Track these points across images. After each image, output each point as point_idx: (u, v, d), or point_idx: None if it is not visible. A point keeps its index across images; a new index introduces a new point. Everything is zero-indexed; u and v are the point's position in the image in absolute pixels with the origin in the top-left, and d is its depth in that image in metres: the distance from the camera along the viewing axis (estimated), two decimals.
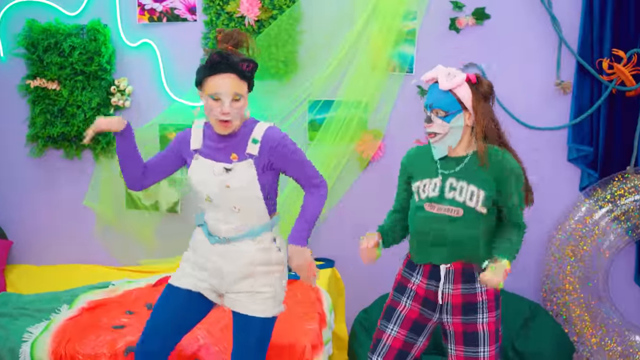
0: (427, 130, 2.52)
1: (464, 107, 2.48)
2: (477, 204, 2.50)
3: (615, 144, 3.95)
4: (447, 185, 2.54)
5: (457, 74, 2.47)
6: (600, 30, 3.86)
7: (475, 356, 2.55)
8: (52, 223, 4.56)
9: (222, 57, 2.44)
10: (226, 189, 2.54)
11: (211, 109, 2.48)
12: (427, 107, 2.52)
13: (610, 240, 3.83)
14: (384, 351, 2.66)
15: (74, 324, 3.40)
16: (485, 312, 2.56)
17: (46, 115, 4.33)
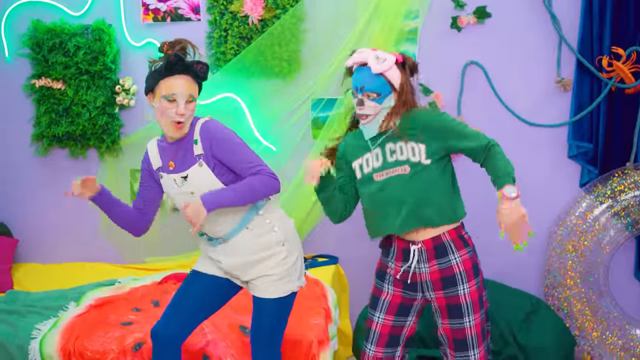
0: (360, 112, 2.57)
1: (394, 88, 2.55)
2: (420, 157, 2.54)
3: (615, 140, 3.99)
4: (387, 151, 2.59)
5: (386, 57, 2.52)
6: (599, 28, 3.90)
7: (461, 327, 2.59)
8: (57, 221, 4.58)
9: (178, 58, 2.48)
10: (192, 196, 2.59)
11: (165, 111, 2.51)
12: (357, 90, 2.56)
13: (611, 236, 3.86)
14: (375, 339, 2.71)
15: (82, 321, 3.42)
16: (465, 283, 2.59)
17: (51, 114, 4.35)
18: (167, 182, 2.65)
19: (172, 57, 2.47)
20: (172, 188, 2.64)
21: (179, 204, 2.65)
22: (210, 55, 4.24)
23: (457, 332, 2.60)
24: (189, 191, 2.60)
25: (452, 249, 2.59)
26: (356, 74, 2.59)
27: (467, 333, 2.60)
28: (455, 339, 2.61)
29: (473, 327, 2.60)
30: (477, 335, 2.61)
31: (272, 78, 4.17)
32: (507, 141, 4.00)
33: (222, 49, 4.18)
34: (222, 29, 4.18)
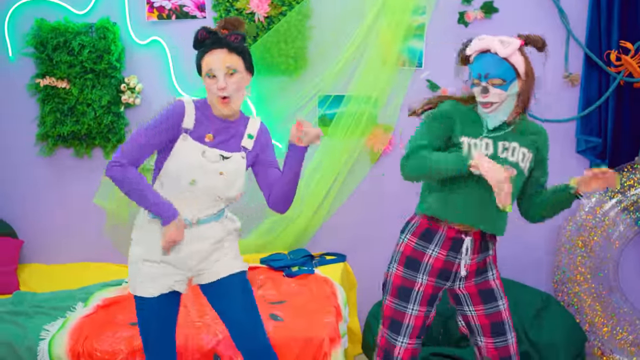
0: (484, 100, 2.46)
1: (518, 75, 2.47)
2: (526, 165, 2.54)
3: (623, 135, 3.98)
4: (499, 145, 2.52)
5: (511, 41, 2.45)
6: (607, 22, 3.88)
7: (498, 310, 2.61)
8: (62, 222, 4.56)
9: (208, 33, 2.46)
10: (217, 177, 2.53)
11: (209, 88, 2.49)
12: (480, 77, 2.46)
13: (620, 231, 3.85)
14: (409, 331, 2.64)
15: (91, 322, 3.41)
16: (493, 269, 2.64)
17: (56, 114, 4.33)
18: (191, 149, 2.50)
19: (198, 33, 2.46)
20: (194, 157, 2.50)
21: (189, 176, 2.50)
22: None
23: (494, 316, 2.61)
24: (219, 171, 2.53)
25: (491, 243, 2.63)
26: (477, 61, 2.48)
27: (504, 316, 2.62)
28: (492, 323, 2.61)
29: (507, 310, 2.63)
30: (510, 319, 2.63)
31: (278, 75, 4.15)
32: None
33: None
34: None
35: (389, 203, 4.26)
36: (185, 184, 2.51)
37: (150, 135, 2.48)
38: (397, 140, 4.19)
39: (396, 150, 4.20)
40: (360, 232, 4.33)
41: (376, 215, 4.28)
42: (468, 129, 2.53)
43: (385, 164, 4.23)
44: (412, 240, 2.65)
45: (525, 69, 2.48)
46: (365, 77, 4.07)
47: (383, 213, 4.27)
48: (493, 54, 2.44)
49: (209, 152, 2.52)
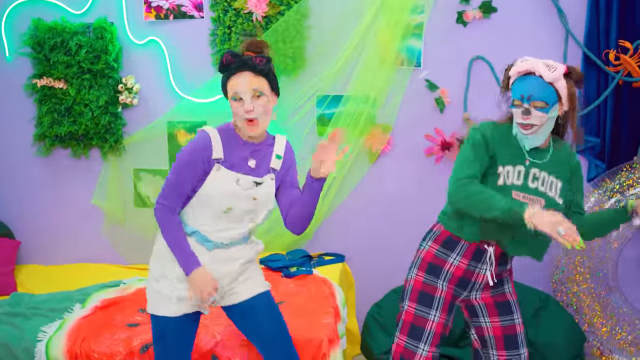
0: (525, 122, 2.45)
1: (559, 98, 2.46)
2: (556, 194, 2.53)
3: (622, 134, 3.97)
4: (530, 174, 2.52)
5: (556, 66, 2.44)
6: (606, 21, 3.87)
7: (513, 323, 2.63)
8: (60, 222, 4.54)
9: (233, 56, 2.45)
10: (251, 202, 2.56)
11: (236, 111, 2.48)
12: (522, 99, 2.45)
13: (619, 231, 3.84)
14: (430, 338, 2.63)
15: (88, 323, 3.40)
16: (508, 283, 2.67)
17: (53, 114, 4.31)
18: (225, 178, 2.52)
19: (223, 57, 2.45)
20: (229, 185, 2.52)
21: (224, 204, 2.53)
22: (213, 53, 4.21)
23: (509, 329, 2.61)
24: (252, 196, 2.56)
25: (510, 257, 2.64)
26: (520, 82, 2.47)
27: (518, 329, 2.62)
28: (506, 335, 2.61)
29: (521, 324, 2.64)
30: (524, 334, 2.65)
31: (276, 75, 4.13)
32: None
33: (226, 46, 4.15)
34: (225, 26, 4.14)
35: (387, 203, 4.25)
36: (219, 211, 2.55)
37: (179, 173, 2.51)
38: (396, 140, 4.18)
39: (395, 150, 4.20)
40: (359, 232, 4.32)
41: (375, 215, 4.27)
42: (507, 155, 2.53)
43: (384, 164, 4.23)
44: (433, 247, 2.66)
45: (568, 94, 2.47)
46: (364, 77, 4.06)
47: (382, 213, 4.27)
48: (537, 77, 2.43)
49: (243, 179, 2.54)
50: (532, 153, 2.54)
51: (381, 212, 4.26)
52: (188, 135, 4.29)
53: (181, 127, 4.29)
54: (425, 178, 4.17)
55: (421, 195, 4.17)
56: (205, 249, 2.60)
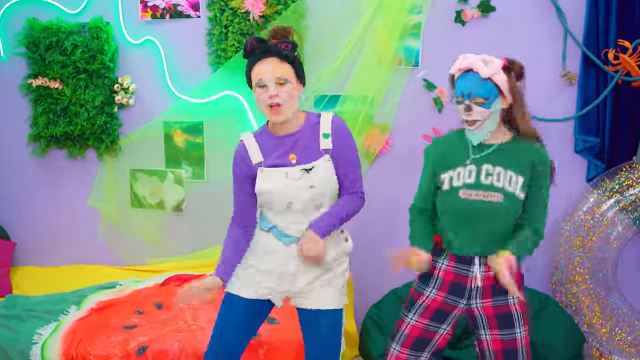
0: (467, 118, 2.49)
1: (500, 92, 2.47)
2: (515, 189, 2.49)
3: (621, 134, 3.95)
4: (482, 171, 2.52)
5: (493, 60, 2.47)
6: (605, 20, 3.86)
7: (513, 337, 2.54)
8: (55, 224, 4.53)
9: (257, 41, 2.42)
10: (311, 190, 2.50)
11: (259, 98, 2.44)
12: (463, 96, 2.48)
13: (619, 231, 3.83)
14: (402, 339, 2.65)
15: (84, 325, 3.38)
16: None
17: (49, 114, 4.29)
18: (271, 176, 2.51)
19: (248, 43, 2.42)
20: (278, 181, 2.49)
21: (283, 200, 2.50)
22: (210, 53, 4.19)
23: (509, 343, 2.54)
24: (308, 185, 2.49)
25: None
26: (461, 80, 2.50)
27: (519, 344, 2.55)
28: (505, 349, 2.55)
29: (524, 339, 2.56)
30: (527, 347, 2.57)
31: None
32: None
33: (223, 45, 4.13)
34: (222, 25, 4.12)
35: (386, 204, 4.23)
36: (282, 208, 2.52)
37: (234, 185, 2.63)
38: (394, 140, 4.16)
39: (393, 150, 4.17)
40: (357, 233, 4.28)
41: (373, 216, 4.24)
42: (452, 159, 2.59)
43: (382, 164, 4.21)
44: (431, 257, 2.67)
45: (510, 87, 2.48)
46: (362, 77, 4.04)
47: (380, 214, 4.24)
48: (476, 73, 2.46)
49: (291, 171, 2.50)
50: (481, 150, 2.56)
51: (379, 212, 4.24)
52: (185, 135, 4.27)
53: (177, 128, 4.27)
54: None
55: None
56: (282, 244, 2.56)
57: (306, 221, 2.54)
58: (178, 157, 4.31)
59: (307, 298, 2.61)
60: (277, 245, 2.57)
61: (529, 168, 2.51)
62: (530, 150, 2.53)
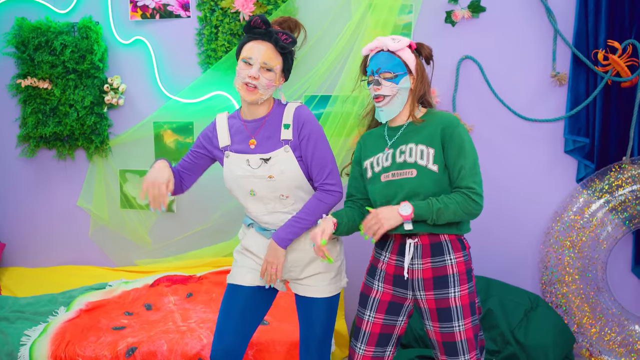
0: (375, 93, 2.57)
1: (409, 71, 2.57)
2: (428, 161, 2.51)
3: (611, 134, 3.96)
4: (397, 152, 2.58)
5: (401, 39, 2.59)
6: (595, 21, 3.87)
7: (451, 331, 2.54)
8: (45, 224, 4.50)
9: (263, 22, 2.44)
10: (270, 180, 2.52)
11: (239, 72, 2.47)
12: (373, 72, 2.58)
13: (608, 231, 3.84)
14: (366, 338, 2.65)
15: (73, 326, 3.36)
16: (457, 286, 2.54)
17: (38, 114, 4.27)
18: (236, 162, 2.55)
19: (253, 19, 2.45)
20: (241, 169, 2.54)
21: (246, 187, 2.54)
22: (200, 53, 4.17)
23: (447, 336, 2.54)
24: (266, 175, 2.51)
25: (448, 249, 2.55)
26: (372, 60, 2.61)
27: (457, 337, 2.53)
28: (444, 342, 2.55)
29: (463, 332, 2.53)
30: (468, 340, 2.55)
31: None
32: (503, 137, 3.99)
33: (213, 45, 4.12)
34: (212, 25, 4.11)
35: None
36: (247, 195, 2.56)
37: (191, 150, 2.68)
38: None
39: None
40: None
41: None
42: (370, 151, 2.66)
43: None
44: (375, 249, 2.72)
45: (416, 66, 2.60)
46: (352, 77, 4.02)
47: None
48: (385, 52, 2.58)
49: (252, 158, 2.53)
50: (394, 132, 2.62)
51: None
52: (175, 135, 4.25)
53: (168, 128, 4.25)
54: None
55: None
56: (264, 238, 2.62)
57: (279, 211, 2.58)
58: (168, 157, 4.30)
59: (301, 285, 2.66)
60: (261, 240, 2.64)
61: (439, 137, 2.53)
62: (438, 119, 2.57)
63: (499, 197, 4.02)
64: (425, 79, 2.63)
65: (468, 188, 2.48)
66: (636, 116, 3.86)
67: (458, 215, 2.47)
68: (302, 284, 2.66)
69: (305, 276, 2.65)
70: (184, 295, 3.80)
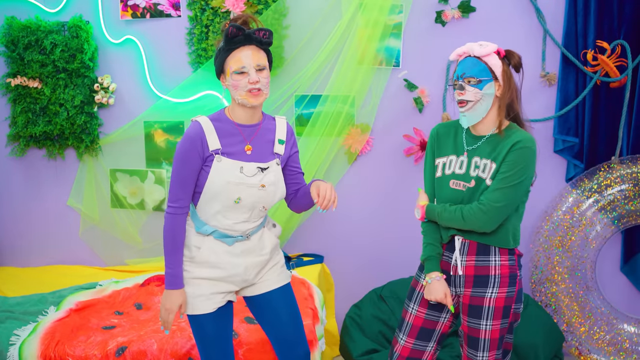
0: (459, 98, 2.56)
1: (495, 77, 2.54)
2: (487, 175, 2.56)
3: (600, 134, 3.99)
4: (472, 163, 2.60)
5: (488, 44, 2.56)
6: (584, 21, 3.89)
7: (477, 327, 2.61)
8: (35, 224, 4.48)
9: (237, 28, 2.40)
10: (261, 189, 2.51)
11: (238, 85, 2.44)
12: (457, 77, 2.57)
13: (597, 231, 3.85)
14: (407, 329, 2.75)
15: (63, 326, 3.35)
16: (496, 287, 2.59)
17: (28, 114, 4.25)
18: (228, 168, 2.48)
19: (229, 30, 2.40)
20: (233, 175, 2.48)
21: (233, 194, 2.49)
22: (191, 52, 4.17)
23: (473, 331, 2.63)
24: (258, 184, 2.51)
25: (495, 251, 2.61)
26: (458, 65, 2.61)
27: (482, 335, 2.61)
28: (469, 335, 2.64)
29: (489, 332, 2.60)
30: (492, 340, 2.61)
31: None
32: None
33: (204, 45, 4.11)
34: (203, 25, 4.10)
35: (367, 203, 4.23)
36: (230, 203, 2.50)
37: (180, 171, 2.48)
38: (375, 140, 4.17)
39: (374, 150, 4.18)
40: (338, 232, 4.30)
41: (354, 215, 4.25)
42: (449, 146, 2.69)
43: (363, 164, 4.21)
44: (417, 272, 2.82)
45: (503, 73, 2.55)
46: (342, 77, 4.04)
47: (361, 213, 4.25)
48: (472, 57, 2.56)
49: (247, 166, 2.50)
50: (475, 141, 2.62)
51: (360, 212, 4.24)
52: (165, 135, 4.25)
53: (158, 127, 4.25)
54: (405, 178, 4.16)
55: (400, 195, 4.16)
56: (225, 245, 2.57)
57: (251, 221, 2.57)
58: (159, 157, 4.29)
59: (257, 285, 2.67)
60: (220, 247, 2.57)
61: (503, 154, 2.54)
62: (513, 138, 2.54)
63: None
64: (513, 86, 2.59)
65: (479, 202, 2.55)
66: (625, 116, 3.89)
67: (455, 222, 2.57)
68: (257, 282, 2.66)
69: (260, 277, 2.66)
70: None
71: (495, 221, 2.52)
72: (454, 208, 2.58)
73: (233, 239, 2.57)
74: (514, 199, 2.52)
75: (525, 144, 2.50)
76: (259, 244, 2.63)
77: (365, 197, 4.23)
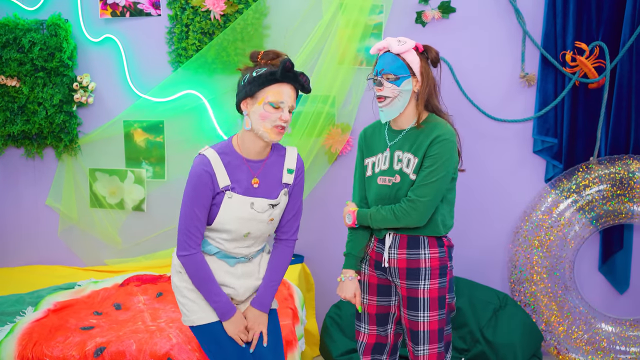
0: (378, 93, 2.63)
1: (412, 74, 2.60)
2: (410, 170, 2.62)
3: (578, 135, 4.01)
4: (395, 157, 2.66)
5: (407, 41, 2.61)
6: (563, 23, 3.91)
7: (415, 320, 2.67)
8: (13, 223, 4.45)
9: (292, 66, 2.42)
10: (269, 223, 2.56)
11: (268, 116, 2.41)
12: (376, 73, 2.63)
13: (576, 230, 3.88)
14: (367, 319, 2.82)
15: (41, 326, 3.32)
16: (427, 279, 2.65)
17: (6, 112, 4.22)
18: (239, 204, 2.49)
19: (288, 63, 2.40)
20: (244, 211, 2.50)
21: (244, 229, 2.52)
22: (171, 51, 4.15)
23: (412, 324, 2.68)
24: (267, 219, 2.54)
25: (424, 245, 2.67)
26: (378, 60, 2.66)
27: (421, 327, 2.66)
28: (410, 330, 2.70)
29: (427, 323, 2.66)
30: (431, 332, 2.66)
31: (234, 74, 4.08)
32: (473, 136, 4.01)
33: (184, 44, 4.10)
34: (183, 24, 4.09)
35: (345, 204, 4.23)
36: (239, 236, 2.54)
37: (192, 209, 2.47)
38: (355, 141, 4.17)
39: (354, 150, 4.18)
40: (319, 232, 4.30)
41: (334, 215, 4.25)
42: (376, 146, 2.75)
43: (343, 164, 4.21)
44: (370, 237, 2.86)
45: (421, 70, 2.61)
46: (323, 77, 4.04)
47: (339, 214, 4.24)
48: (390, 53, 2.61)
49: (257, 202, 2.51)
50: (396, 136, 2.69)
51: (340, 212, 4.24)
52: (145, 134, 4.23)
53: (138, 127, 4.23)
54: None
55: None
56: (227, 265, 2.60)
57: (254, 246, 2.61)
58: (138, 157, 4.27)
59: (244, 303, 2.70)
60: (221, 266, 2.61)
61: (425, 149, 2.59)
62: (432, 129, 2.61)
63: (468, 196, 4.05)
64: (431, 81, 2.65)
65: (408, 198, 2.60)
66: (603, 117, 3.92)
67: (388, 222, 2.63)
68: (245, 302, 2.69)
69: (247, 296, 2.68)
70: (153, 294, 3.78)
71: (426, 215, 2.59)
72: (384, 209, 2.64)
73: (235, 260, 2.60)
74: (440, 191, 2.60)
75: (445, 137, 2.57)
76: (258, 268, 2.66)
77: (345, 197, 4.21)
